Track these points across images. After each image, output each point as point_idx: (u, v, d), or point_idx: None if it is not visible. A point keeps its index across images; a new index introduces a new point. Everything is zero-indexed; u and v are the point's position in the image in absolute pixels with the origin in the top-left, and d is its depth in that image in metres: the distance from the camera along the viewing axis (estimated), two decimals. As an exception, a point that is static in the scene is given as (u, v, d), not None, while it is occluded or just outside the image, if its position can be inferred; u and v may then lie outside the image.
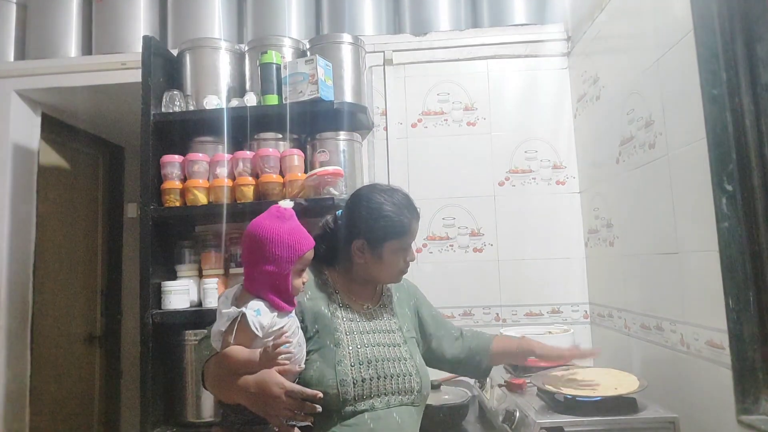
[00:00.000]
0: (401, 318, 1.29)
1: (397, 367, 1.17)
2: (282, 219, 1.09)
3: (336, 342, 1.15)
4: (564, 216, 2.10)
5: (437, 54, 2.20)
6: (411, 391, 1.17)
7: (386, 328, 1.24)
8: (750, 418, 1.11)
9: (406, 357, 1.20)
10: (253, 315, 1.02)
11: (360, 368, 1.13)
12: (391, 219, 1.19)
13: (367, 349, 1.17)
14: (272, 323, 1.05)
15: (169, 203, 1.85)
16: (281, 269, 1.06)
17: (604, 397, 1.27)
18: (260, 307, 1.04)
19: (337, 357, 1.13)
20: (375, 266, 1.21)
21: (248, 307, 1.03)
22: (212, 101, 1.94)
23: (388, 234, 1.19)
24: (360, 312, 1.24)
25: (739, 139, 1.17)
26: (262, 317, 1.03)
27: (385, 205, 1.20)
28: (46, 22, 2.34)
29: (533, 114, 2.15)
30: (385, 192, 1.24)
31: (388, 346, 1.20)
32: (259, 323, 1.02)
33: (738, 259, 1.14)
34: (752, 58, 1.17)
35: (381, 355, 1.17)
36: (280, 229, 1.07)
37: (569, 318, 2.05)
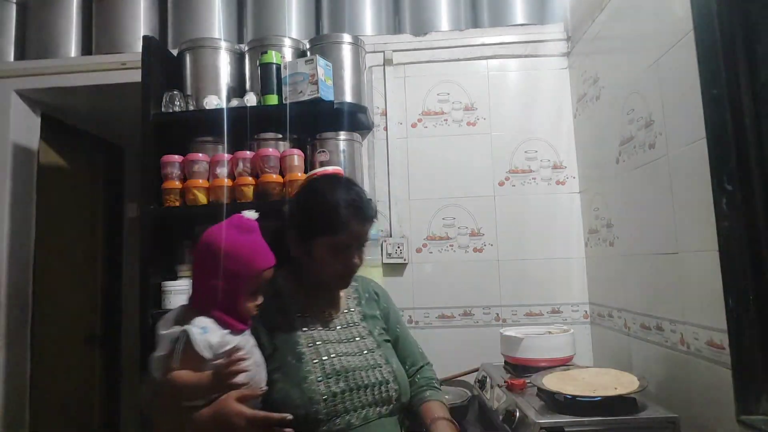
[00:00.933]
0: (371, 321, 1.18)
1: (372, 376, 1.07)
2: (241, 230, 0.97)
3: (298, 356, 1.04)
4: (564, 216, 2.09)
5: (437, 54, 2.20)
6: (389, 400, 1.07)
7: (356, 333, 1.14)
8: (750, 417, 1.11)
9: (381, 363, 1.10)
10: (199, 333, 0.89)
11: (329, 382, 1.02)
12: (324, 212, 1.06)
13: (334, 359, 1.05)
14: (223, 342, 0.92)
15: (169, 203, 1.85)
16: (232, 286, 0.94)
17: (605, 397, 1.27)
18: (207, 325, 0.91)
19: (301, 373, 1.01)
20: (308, 264, 1.10)
21: (193, 325, 0.90)
22: (212, 101, 1.94)
23: (318, 228, 1.06)
24: (321, 320, 1.12)
25: (739, 138, 1.16)
26: (209, 335, 0.90)
27: (322, 197, 1.08)
28: (46, 22, 2.34)
29: (533, 114, 2.15)
30: (331, 184, 1.13)
31: (358, 354, 1.09)
32: (207, 342, 0.89)
33: (738, 259, 1.14)
34: (752, 58, 1.17)
35: (352, 365, 1.06)
36: (237, 241, 0.95)
37: (569, 318, 2.05)
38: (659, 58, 1.41)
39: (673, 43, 1.33)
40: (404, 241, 2.10)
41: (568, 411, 1.27)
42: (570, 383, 1.36)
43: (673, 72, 1.35)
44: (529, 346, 1.67)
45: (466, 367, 1.93)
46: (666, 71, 1.38)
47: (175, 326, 0.92)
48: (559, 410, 1.29)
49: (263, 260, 0.98)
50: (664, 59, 1.38)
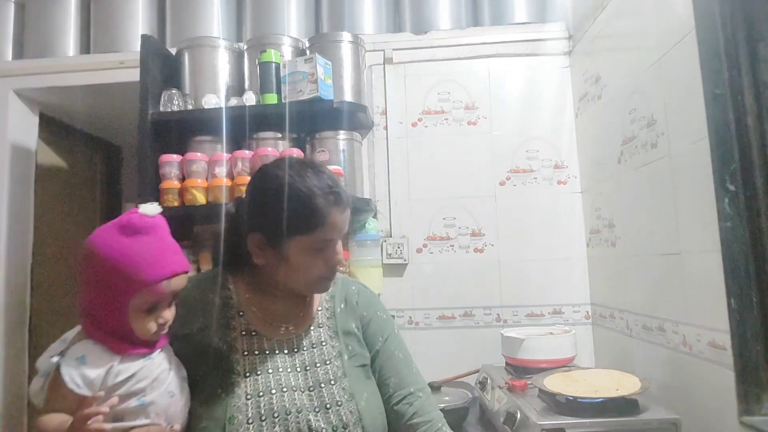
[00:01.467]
0: (344, 339, 0.95)
1: (323, 419, 0.84)
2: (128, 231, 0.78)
3: (228, 390, 0.83)
4: (565, 216, 2.09)
5: (438, 53, 2.19)
6: None
7: (316, 358, 0.91)
8: (752, 419, 1.10)
9: (341, 400, 0.88)
10: (73, 365, 0.73)
11: (261, 426, 0.81)
12: (300, 204, 0.86)
13: (275, 395, 0.84)
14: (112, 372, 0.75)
15: (167, 203, 1.84)
16: (112, 303, 0.76)
17: (606, 398, 1.26)
18: (86, 353, 0.74)
19: (228, 411, 0.81)
20: (282, 271, 0.89)
21: (67, 355, 0.74)
22: (211, 100, 1.93)
23: (294, 226, 0.86)
24: (275, 339, 0.91)
25: (741, 138, 1.16)
26: (86, 367, 0.73)
27: (294, 186, 0.86)
28: (44, 21, 2.33)
29: (534, 113, 2.14)
30: (297, 167, 0.89)
31: (313, 389, 0.88)
32: (82, 377, 0.72)
33: (740, 260, 1.13)
34: (755, 57, 1.16)
35: (298, 404, 0.84)
36: (116, 244, 0.76)
37: (570, 319, 2.04)
38: (661, 57, 1.40)
39: (675, 42, 1.32)
40: (404, 241, 2.09)
41: (570, 412, 1.26)
42: (571, 384, 1.36)
43: (675, 71, 1.34)
44: (530, 347, 1.66)
45: (467, 368, 1.93)
46: (668, 70, 1.38)
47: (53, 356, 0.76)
48: (560, 411, 1.28)
49: (158, 268, 0.78)
50: (666, 58, 1.37)
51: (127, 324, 0.77)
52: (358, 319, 1.00)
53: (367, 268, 1.95)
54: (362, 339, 0.98)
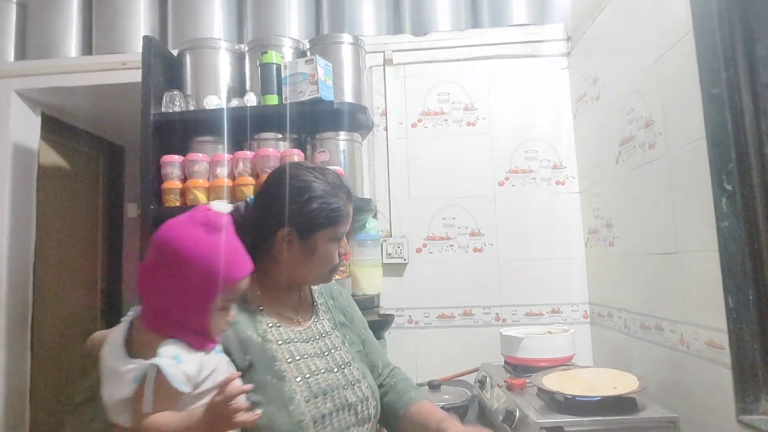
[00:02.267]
0: (341, 330, 1.08)
1: (354, 394, 0.97)
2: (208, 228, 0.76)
3: (279, 375, 0.91)
4: (564, 216, 2.09)
5: (437, 54, 2.20)
6: (369, 418, 0.99)
7: (330, 344, 1.02)
8: (750, 417, 1.11)
9: (359, 378, 1.01)
10: (173, 365, 0.71)
11: (316, 403, 0.91)
12: (325, 201, 0.96)
13: (318, 377, 0.94)
14: (201, 368, 0.75)
15: (169, 203, 1.85)
16: (197, 302, 0.75)
17: (604, 396, 1.27)
18: (179, 352, 0.73)
19: (286, 394, 0.89)
20: (305, 262, 0.98)
21: (161, 356, 0.71)
22: (212, 101, 1.94)
23: (323, 219, 0.96)
24: (293, 329, 1.00)
25: (738, 138, 1.16)
26: (185, 365, 0.72)
27: (318, 184, 0.97)
28: (46, 22, 2.34)
29: (533, 114, 2.15)
30: (315, 169, 1.01)
31: (338, 370, 0.99)
32: (184, 375, 0.72)
33: (738, 259, 1.14)
34: (752, 58, 1.17)
35: (335, 382, 0.96)
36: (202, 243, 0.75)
37: (569, 318, 2.05)
38: (659, 58, 1.41)
39: (673, 43, 1.33)
40: (404, 241, 2.10)
41: (568, 411, 1.27)
42: (570, 383, 1.36)
43: (673, 72, 1.35)
44: (529, 346, 1.66)
45: (466, 367, 1.94)
46: (666, 71, 1.38)
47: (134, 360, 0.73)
48: (559, 410, 1.29)
49: (240, 268, 0.79)
50: (664, 59, 1.38)
51: (207, 321, 0.77)
52: (344, 313, 1.13)
53: (367, 267, 1.96)
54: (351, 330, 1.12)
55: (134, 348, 0.75)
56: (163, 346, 0.73)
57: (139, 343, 0.76)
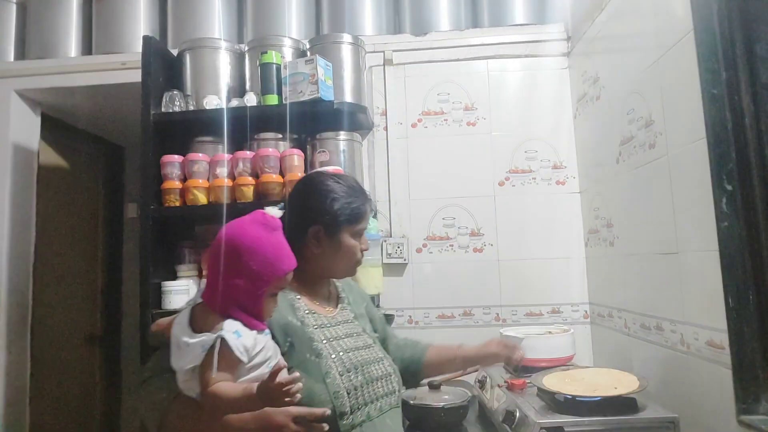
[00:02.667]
0: (361, 319, 1.23)
1: (380, 369, 1.13)
2: (267, 228, 0.93)
3: (316, 353, 1.05)
4: (564, 216, 2.09)
5: (437, 54, 2.20)
6: (394, 391, 1.14)
7: (355, 330, 1.18)
8: (750, 418, 1.11)
9: (382, 357, 1.17)
10: (234, 338, 0.86)
11: (350, 377, 1.05)
12: (347, 201, 1.13)
13: (349, 354, 1.09)
14: (255, 344, 0.90)
15: (169, 203, 1.85)
16: (255, 287, 0.90)
17: (604, 397, 1.27)
18: (239, 328, 0.88)
19: (323, 369, 1.03)
20: (332, 256, 1.14)
21: (225, 330, 0.87)
22: (212, 101, 1.94)
23: (346, 217, 1.12)
24: (326, 316, 1.15)
25: (738, 138, 1.16)
26: (244, 338, 0.88)
27: (340, 188, 1.14)
28: (46, 22, 2.34)
29: (533, 114, 2.15)
30: (336, 176, 1.20)
31: (365, 349, 1.14)
32: (243, 346, 0.87)
33: (738, 259, 1.14)
34: (752, 58, 1.17)
35: (363, 359, 1.11)
36: (263, 239, 0.92)
37: (569, 318, 2.05)
38: (659, 58, 1.41)
39: (673, 43, 1.33)
40: (404, 241, 2.10)
41: (568, 411, 1.27)
42: (570, 383, 1.36)
43: (673, 72, 1.35)
44: (529, 346, 1.65)
45: (466, 367, 1.93)
46: (666, 71, 1.38)
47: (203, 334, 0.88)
48: (559, 410, 1.29)
49: (288, 262, 0.95)
50: (664, 59, 1.38)
51: (261, 304, 0.92)
52: (363, 306, 1.29)
53: (367, 267, 1.96)
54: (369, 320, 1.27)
55: (197, 327, 0.90)
56: (227, 321, 0.88)
57: (202, 322, 0.90)
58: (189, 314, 0.93)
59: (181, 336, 0.89)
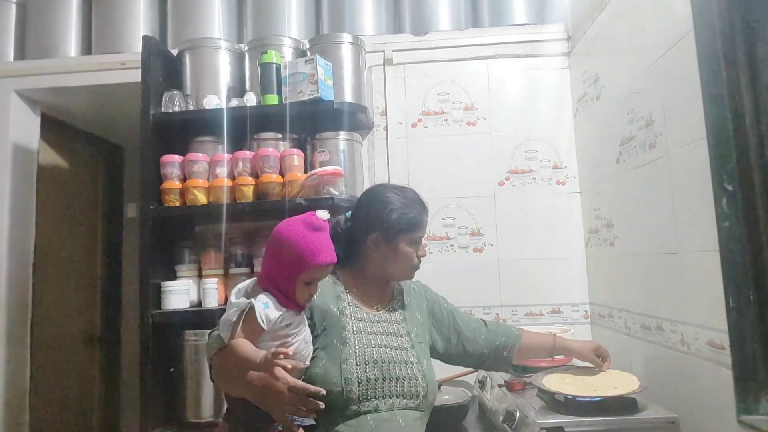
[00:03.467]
0: (411, 322, 1.28)
1: (404, 371, 1.17)
2: (309, 227, 1.07)
3: (343, 340, 1.16)
4: (564, 216, 2.09)
5: (437, 54, 2.20)
6: (416, 395, 1.17)
7: (395, 331, 1.24)
8: (750, 418, 1.11)
9: (413, 361, 1.20)
10: (261, 307, 1.02)
11: (366, 368, 1.13)
12: (404, 212, 1.22)
13: (373, 349, 1.17)
14: (281, 318, 1.05)
15: (168, 203, 1.85)
16: (288, 273, 1.06)
17: (605, 397, 1.27)
18: (269, 301, 1.04)
19: (343, 355, 1.14)
20: (389, 261, 1.24)
21: (257, 300, 1.03)
22: (212, 101, 1.94)
23: (403, 226, 1.21)
24: (370, 312, 1.24)
25: (739, 138, 1.16)
26: (269, 311, 1.03)
27: (398, 199, 1.24)
28: (46, 22, 2.34)
29: (533, 114, 2.15)
30: (397, 188, 1.29)
31: (395, 349, 1.20)
32: (266, 316, 1.02)
33: (738, 259, 1.14)
34: (753, 58, 1.17)
35: (388, 357, 1.17)
36: (301, 234, 1.06)
37: (569, 318, 2.04)
38: (659, 57, 1.41)
39: (674, 42, 1.33)
40: (404, 241, 2.10)
41: (569, 411, 1.27)
42: (570, 383, 1.36)
43: (673, 72, 1.35)
44: (529, 346, 1.66)
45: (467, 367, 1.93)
46: (666, 71, 1.38)
47: (243, 297, 1.05)
48: (559, 410, 1.29)
49: (323, 257, 1.07)
50: (665, 59, 1.38)
51: (293, 289, 1.06)
52: (422, 307, 1.35)
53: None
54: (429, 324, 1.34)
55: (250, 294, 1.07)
56: (262, 294, 1.05)
57: (253, 292, 1.08)
58: (249, 284, 1.11)
59: (233, 297, 1.08)
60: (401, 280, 1.33)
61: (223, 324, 1.07)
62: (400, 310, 1.30)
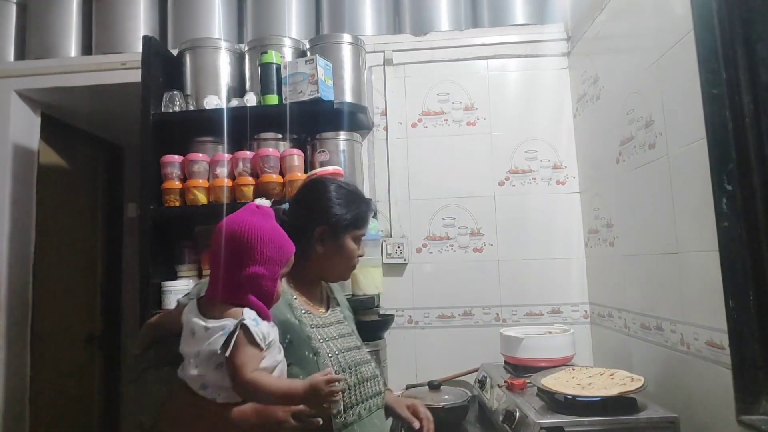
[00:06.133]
0: (348, 319, 1.26)
1: (368, 371, 1.14)
2: (266, 217, 0.96)
3: (314, 351, 1.06)
4: (564, 216, 2.09)
5: (437, 54, 2.20)
6: (380, 392, 1.16)
7: (346, 331, 1.20)
8: (750, 417, 1.11)
9: (369, 359, 1.19)
10: (255, 325, 0.87)
11: (345, 376, 1.07)
12: (355, 207, 1.16)
13: (345, 354, 1.12)
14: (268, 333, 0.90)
15: (169, 203, 1.85)
16: (272, 272, 0.92)
17: (604, 397, 1.27)
18: (256, 316, 0.89)
19: (320, 367, 1.04)
20: (333, 258, 1.15)
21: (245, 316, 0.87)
22: (212, 101, 1.94)
23: (350, 221, 1.15)
24: (320, 316, 1.17)
25: (739, 138, 1.16)
26: (261, 327, 0.88)
27: (346, 194, 1.17)
28: (46, 22, 2.34)
29: (533, 114, 2.15)
30: (342, 182, 1.23)
31: (355, 350, 1.16)
32: (262, 334, 0.88)
33: (738, 259, 1.14)
34: (752, 58, 1.17)
35: (354, 360, 1.13)
36: (266, 227, 0.94)
37: (569, 318, 2.05)
38: (659, 57, 1.41)
39: (673, 42, 1.33)
40: (404, 241, 2.10)
41: (568, 411, 1.27)
42: (570, 383, 1.36)
43: (673, 72, 1.35)
44: (529, 346, 1.67)
45: (466, 367, 1.94)
46: (666, 71, 1.38)
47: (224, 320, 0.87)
48: (559, 410, 1.29)
49: (290, 245, 0.98)
50: (664, 59, 1.38)
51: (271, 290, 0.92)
52: (348, 308, 1.32)
53: (367, 267, 1.96)
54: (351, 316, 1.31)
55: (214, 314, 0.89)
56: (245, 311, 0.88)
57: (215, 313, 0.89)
58: (196, 306, 0.92)
59: (198, 321, 0.88)
60: (338, 280, 1.26)
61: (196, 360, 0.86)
62: (338, 308, 1.25)
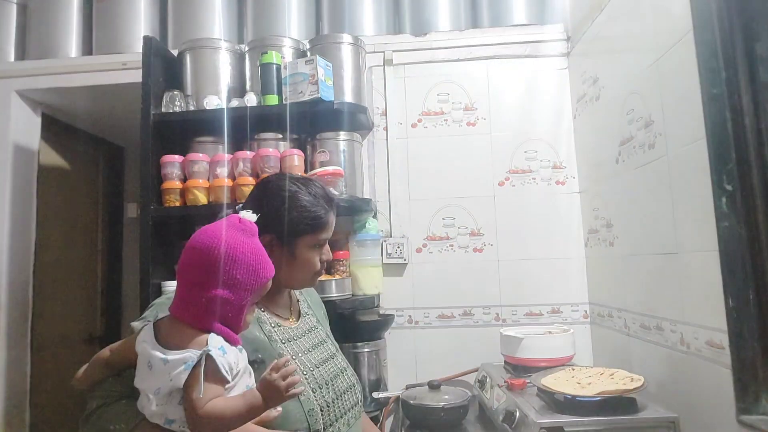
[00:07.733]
0: (322, 322, 1.19)
1: (344, 381, 1.09)
2: (246, 234, 0.84)
3: None
4: (564, 216, 2.09)
5: (437, 54, 2.20)
6: (357, 402, 1.11)
7: (319, 339, 1.13)
8: (750, 417, 1.11)
9: (344, 366, 1.13)
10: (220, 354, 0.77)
11: (322, 393, 1.02)
12: (306, 210, 1.03)
13: (320, 369, 1.05)
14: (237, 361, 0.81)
15: (169, 203, 1.85)
16: (238, 298, 0.81)
17: (604, 397, 1.27)
18: (223, 344, 0.79)
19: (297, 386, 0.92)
20: (287, 268, 1.04)
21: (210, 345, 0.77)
22: (212, 101, 1.94)
23: (303, 227, 1.03)
24: (290, 328, 1.08)
25: (738, 138, 1.16)
26: (229, 356, 0.79)
27: (299, 194, 1.04)
28: (47, 23, 2.34)
29: (533, 114, 2.15)
30: (299, 180, 1.08)
31: (329, 360, 1.10)
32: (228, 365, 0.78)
33: (738, 259, 1.14)
34: (752, 57, 1.17)
35: (330, 373, 1.07)
36: (244, 246, 0.82)
37: (569, 318, 2.05)
38: (659, 58, 1.41)
39: (673, 43, 1.33)
40: (404, 241, 2.10)
41: (568, 411, 1.27)
42: (570, 383, 1.36)
43: (672, 72, 1.35)
44: (529, 345, 1.67)
45: (466, 367, 1.94)
46: (665, 71, 1.39)
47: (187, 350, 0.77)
48: (559, 410, 1.29)
49: (270, 268, 0.87)
50: (664, 59, 1.38)
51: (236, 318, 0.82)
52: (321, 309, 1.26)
53: (367, 267, 1.96)
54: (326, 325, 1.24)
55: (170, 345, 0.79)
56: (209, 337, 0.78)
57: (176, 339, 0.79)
58: (153, 331, 0.82)
59: (155, 353, 0.77)
60: (301, 288, 1.16)
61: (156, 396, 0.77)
62: (309, 313, 1.17)
